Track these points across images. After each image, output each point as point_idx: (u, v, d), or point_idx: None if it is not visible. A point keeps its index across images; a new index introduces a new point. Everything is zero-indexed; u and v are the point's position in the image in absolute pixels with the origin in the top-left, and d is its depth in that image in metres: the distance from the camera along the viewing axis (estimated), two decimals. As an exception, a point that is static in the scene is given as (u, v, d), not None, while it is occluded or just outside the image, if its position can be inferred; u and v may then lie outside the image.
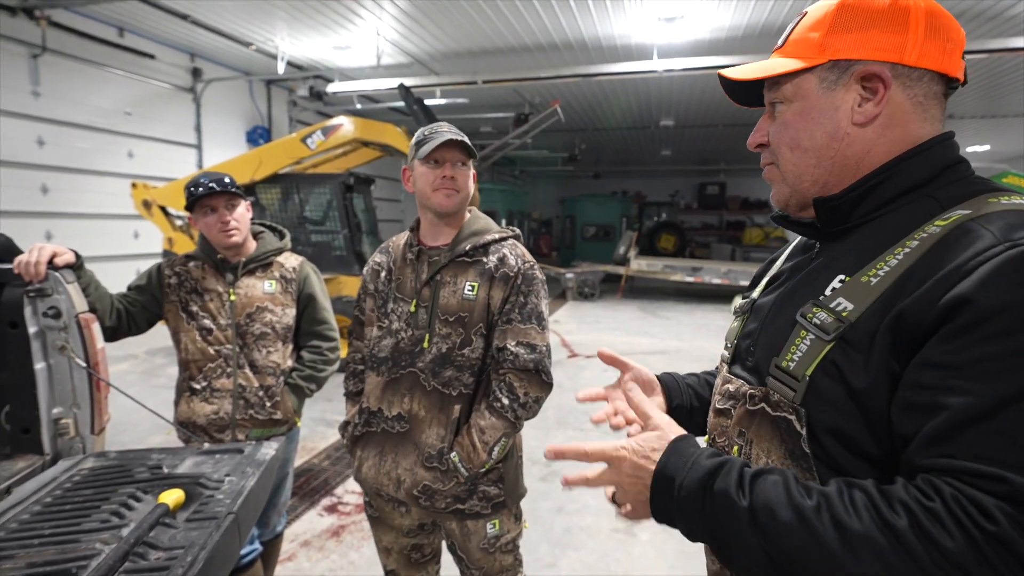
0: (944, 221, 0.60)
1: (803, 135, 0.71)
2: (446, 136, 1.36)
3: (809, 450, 0.64)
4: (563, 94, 9.16)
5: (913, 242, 0.61)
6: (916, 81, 0.66)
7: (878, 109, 0.66)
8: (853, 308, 0.61)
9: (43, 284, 1.43)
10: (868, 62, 0.66)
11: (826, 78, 0.68)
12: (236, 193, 1.80)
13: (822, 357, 0.63)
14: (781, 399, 0.67)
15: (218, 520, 1.02)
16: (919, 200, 0.65)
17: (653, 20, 6.20)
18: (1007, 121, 10.71)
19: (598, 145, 14.62)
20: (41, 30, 5.90)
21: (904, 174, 0.66)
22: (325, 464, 3.56)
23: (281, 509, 2.09)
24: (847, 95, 0.68)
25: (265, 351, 1.88)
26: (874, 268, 0.62)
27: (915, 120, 0.67)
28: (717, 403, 0.81)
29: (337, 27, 6.66)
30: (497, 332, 1.41)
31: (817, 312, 0.65)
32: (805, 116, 0.70)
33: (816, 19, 0.70)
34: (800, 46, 0.71)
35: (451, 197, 1.40)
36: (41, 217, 6.20)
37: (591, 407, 0.96)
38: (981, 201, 0.61)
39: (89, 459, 1.29)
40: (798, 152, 0.72)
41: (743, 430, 0.73)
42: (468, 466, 1.38)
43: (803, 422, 0.64)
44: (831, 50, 0.67)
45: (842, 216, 0.70)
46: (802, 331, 0.66)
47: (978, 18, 5.89)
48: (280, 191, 5.86)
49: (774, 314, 0.75)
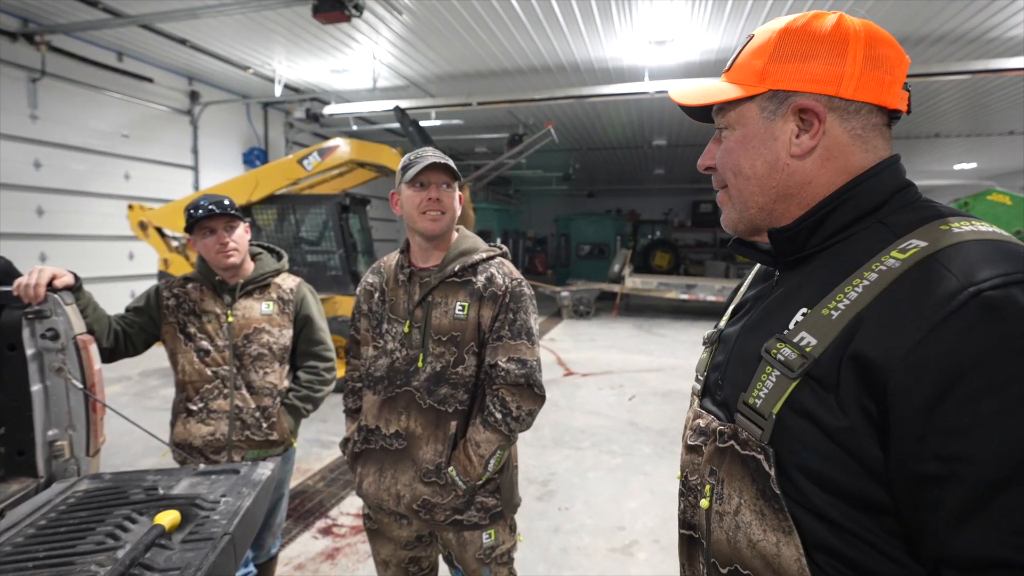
0: (903, 254, 0.59)
1: (744, 163, 0.71)
2: (430, 159, 1.40)
3: (779, 491, 0.61)
4: (557, 115, 9.31)
5: (872, 275, 0.59)
6: (853, 114, 0.66)
7: (813, 142, 0.67)
8: (816, 344, 0.60)
9: (42, 306, 1.44)
10: (805, 94, 0.66)
11: (766, 107, 0.69)
12: (235, 215, 1.83)
13: (788, 394, 0.61)
14: (749, 437, 0.65)
15: (214, 541, 1.02)
16: (872, 227, 0.65)
17: (644, 43, 6.34)
18: (992, 139, 10.95)
19: (592, 164, 14.79)
20: (41, 55, 5.98)
21: (854, 201, 0.66)
22: (320, 485, 3.53)
23: (276, 531, 2.07)
24: (785, 126, 0.68)
25: (262, 372, 1.88)
26: (834, 300, 0.61)
27: (855, 152, 0.67)
28: (688, 439, 0.78)
29: (334, 51, 6.77)
30: (488, 349, 1.44)
31: (781, 348, 0.63)
32: (746, 144, 0.71)
33: (760, 45, 0.70)
34: (744, 72, 0.71)
35: (436, 221, 1.43)
36: (35, 239, 6.20)
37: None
38: (935, 230, 0.60)
39: (84, 481, 1.29)
40: (741, 179, 0.72)
41: (714, 468, 0.71)
42: (466, 479, 1.41)
43: (771, 462, 0.62)
44: (771, 79, 0.68)
45: (798, 245, 0.70)
46: (767, 367, 0.64)
47: (960, 40, 6.06)
48: (276, 212, 5.89)
49: (740, 347, 0.73)
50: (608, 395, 5.69)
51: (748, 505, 0.65)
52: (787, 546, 0.61)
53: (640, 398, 5.58)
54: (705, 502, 0.72)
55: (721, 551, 0.69)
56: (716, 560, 0.70)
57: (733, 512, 0.67)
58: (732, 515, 0.67)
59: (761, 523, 0.63)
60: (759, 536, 0.64)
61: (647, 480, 3.62)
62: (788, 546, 0.61)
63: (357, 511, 3.18)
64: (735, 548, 0.67)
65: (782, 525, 0.61)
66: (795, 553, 0.60)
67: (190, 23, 6.03)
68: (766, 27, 0.71)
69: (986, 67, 5.95)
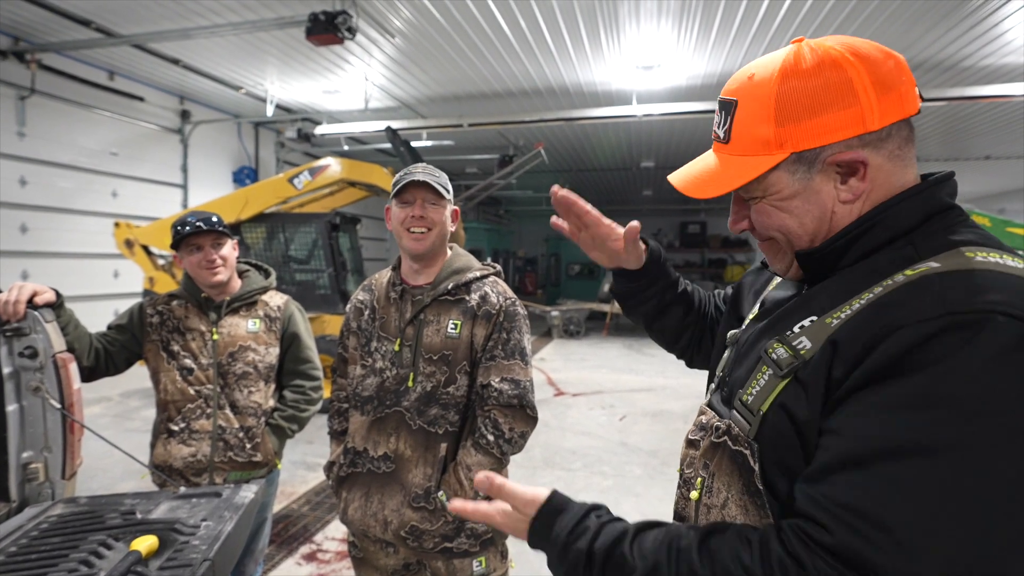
0: (913, 271, 0.58)
1: (791, 223, 0.68)
2: (414, 176, 1.40)
3: (763, 487, 0.63)
4: (547, 137, 9.44)
5: (878, 288, 0.59)
6: (886, 139, 0.63)
7: (866, 184, 0.64)
8: (811, 347, 0.60)
9: (21, 323, 1.41)
10: (833, 146, 0.63)
11: (796, 171, 0.65)
12: (223, 232, 1.81)
13: (777, 393, 0.62)
14: (739, 432, 0.67)
15: (193, 567, 0.98)
16: (901, 248, 0.63)
17: (632, 68, 6.48)
18: (969, 164, 11.27)
19: (582, 185, 14.96)
20: (31, 73, 5.97)
21: (886, 224, 0.64)
22: (305, 509, 3.44)
23: (258, 557, 2.01)
24: (825, 179, 0.65)
25: (247, 391, 1.84)
26: (839, 311, 0.60)
27: (896, 172, 0.65)
28: (690, 434, 0.80)
29: (326, 72, 6.84)
30: (481, 369, 1.41)
31: (777, 347, 0.64)
32: (788, 206, 0.67)
33: (755, 112, 0.65)
34: (750, 143, 0.66)
35: (419, 241, 1.41)
36: (18, 256, 6.11)
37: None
38: (958, 255, 0.58)
39: (58, 505, 1.24)
40: (793, 236, 0.69)
41: (707, 462, 0.73)
42: None
43: (756, 458, 0.64)
44: (790, 143, 0.63)
45: (828, 267, 0.68)
46: (763, 366, 0.65)
47: (936, 68, 6.27)
48: (265, 230, 5.87)
49: (749, 347, 0.74)
50: (599, 415, 5.65)
51: (735, 500, 0.67)
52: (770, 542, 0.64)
53: (631, 418, 5.55)
54: (695, 494, 0.73)
55: None
56: None
57: (720, 506, 0.69)
58: (719, 508, 0.69)
59: (745, 518, 0.65)
60: None
61: (638, 502, 3.58)
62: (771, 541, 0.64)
63: (343, 536, 3.10)
64: None
65: (763, 521, 0.63)
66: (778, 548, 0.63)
67: (183, 43, 6.06)
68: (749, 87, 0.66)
69: (962, 94, 6.15)
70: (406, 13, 5.21)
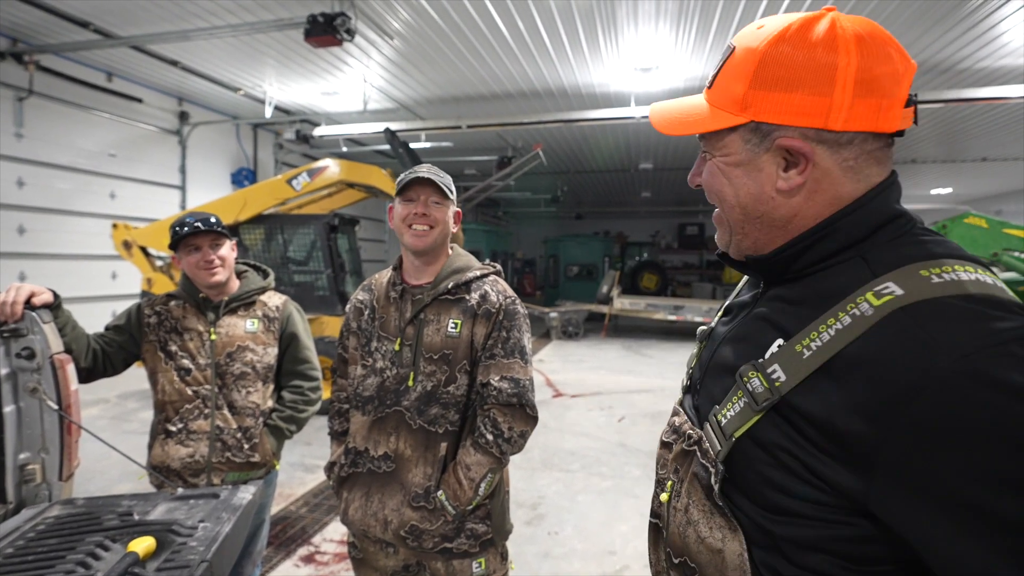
0: (877, 299, 0.55)
1: (728, 191, 0.68)
2: (419, 174, 1.41)
3: (721, 503, 0.65)
4: (545, 138, 9.45)
5: (846, 318, 0.57)
6: (845, 145, 0.61)
7: (801, 179, 0.63)
8: (786, 380, 0.59)
9: (18, 324, 1.40)
10: (790, 129, 0.61)
11: (749, 140, 0.65)
12: (221, 233, 1.81)
13: (751, 424, 0.62)
14: (709, 449, 0.67)
15: (190, 569, 0.98)
16: (853, 260, 0.61)
17: (630, 70, 6.50)
18: (967, 165, 11.30)
19: (580, 187, 14.97)
20: (29, 74, 5.96)
21: (836, 235, 0.63)
22: (303, 511, 3.43)
23: (256, 558, 2.00)
24: (771, 160, 0.64)
25: (245, 391, 1.84)
26: (807, 338, 0.59)
27: (845, 183, 0.62)
28: (664, 435, 0.81)
29: (325, 74, 6.84)
30: (481, 368, 1.41)
31: (753, 376, 0.62)
32: (729, 172, 0.68)
33: (741, 63, 0.64)
34: (724, 95, 0.66)
35: (421, 237, 1.42)
36: (16, 258, 6.09)
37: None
38: (914, 275, 0.56)
39: (55, 507, 1.24)
40: (726, 206, 0.70)
41: (677, 467, 0.74)
42: (455, 504, 1.36)
43: (718, 478, 0.64)
44: (752, 109, 0.63)
45: (777, 273, 0.69)
46: (739, 391, 0.64)
47: (934, 69, 6.30)
48: (264, 231, 5.86)
49: (719, 357, 0.73)
50: (597, 416, 5.65)
51: (697, 504, 0.69)
52: (732, 542, 0.64)
53: (629, 419, 5.55)
54: (664, 496, 0.76)
55: (674, 543, 0.73)
56: (671, 550, 0.74)
57: (683, 509, 0.71)
58: (683, 512, 0.71)
59: (708, 521, 0.67)
60: (705, 532, 0.67)
61: (637, 503, 3.58)
62: (733, 541, 0.64)
63: (341, 538, 3.09)
64: (684, 542, 0.70)
65: (729, 523, 0.65)
66: (738, 548, 0.63)
67: (182, 45, 6.06)
68: (749, 38, 0.64)
69: (958, 96, 6.17)
70: (405, 15, 5.21)
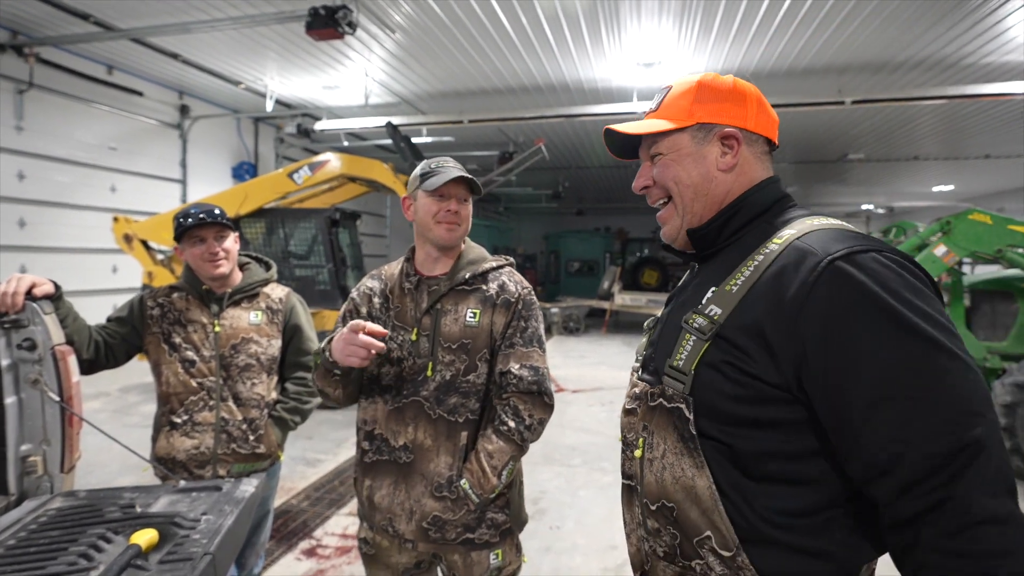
0: (780, 240, 0.81)
1: (683, 174, 0.92)
2: (454, 173, 1.40)
3: (695, 431, 0.80)
4: (547, 133, 9.41)
5: (759, 256, 0.81)
6: (755, 142, 0.92)
7: (735, 160, 0.90)
8: (721, 312, 0.80)
9: (19, 315, 1.39)
10: (725, 126, 0.90)
11: (696, 136, 0.91)
12: (226, 225, 1.80)
13: (703, 353, 0.80)
14: (674, 392, 0.83)
15: (193, 561, 0.97)
16: (760, 226, 0.88)
17: (632, 65, 6.46)
18: (968, 162, 11.26)
19: (581, 183, 14.94)
20: (29, 67, 5.93)
21: (749, 206, 0.89)
22: (304, 505, 3.43)
23: (259, 549, 2.00)
24: (712, 149, 0.91)
25: (249, 383, 1.83)
26: (733, 279, 0.82)
27: (756, 168, 0.92)
28: (626, 404, 0.97)
29: (326, 68, 6.81)
30: (500, 356, 1.42)
31: (696, 318, 0.83)
32: (682, 162, 0.92)
33: (682, 91, 0.92)
34: (673, 110, 0.92)
35: (452, 231, 1.43)
36: (16, 251, 6.09)
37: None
38: (800, 222, 0.83)
39: (57, 499, 1.23)
40: (682, 186, 0.92)
41: (646, 424, 0.90)
42: (479, 492, 1.36)
43: (691, 409, 0.81)
44: (698, 115, 0.90)
45: (710, 241, 0.92)
46: (686, 335, 0.83)
47: (937, 66, 6.26)
48: (265, 225, 5.85)
49: (666, 325, 0.94)
50: (598, 412, 5.65)
51: (671, 448, 0.84)
52: (700, 478, 0.80)
53: (630, 415, 5.54)
54: (638, 452, 0.90)
55: (650, 491, 0.87)
56: (647, 499, 0.88)
57: (660, 456, 0.86)
58: (660, 459, 0.86)
59: (680, 461, 0.83)
60: (679, 473, 0.82)
61: (638, 498, 3.58)
62: (701, 478, 0.80)
63: (342, 532, 3.10)
64: (662, 485, 0.85)
65: (696, 462, 0.80)
66: (707, 483, 0.79)
67: (182, 38, 6.03)
68: (681, 81, 0.94)
69: (962, 92, 6.14)
70: (407, 8, 5.18)
